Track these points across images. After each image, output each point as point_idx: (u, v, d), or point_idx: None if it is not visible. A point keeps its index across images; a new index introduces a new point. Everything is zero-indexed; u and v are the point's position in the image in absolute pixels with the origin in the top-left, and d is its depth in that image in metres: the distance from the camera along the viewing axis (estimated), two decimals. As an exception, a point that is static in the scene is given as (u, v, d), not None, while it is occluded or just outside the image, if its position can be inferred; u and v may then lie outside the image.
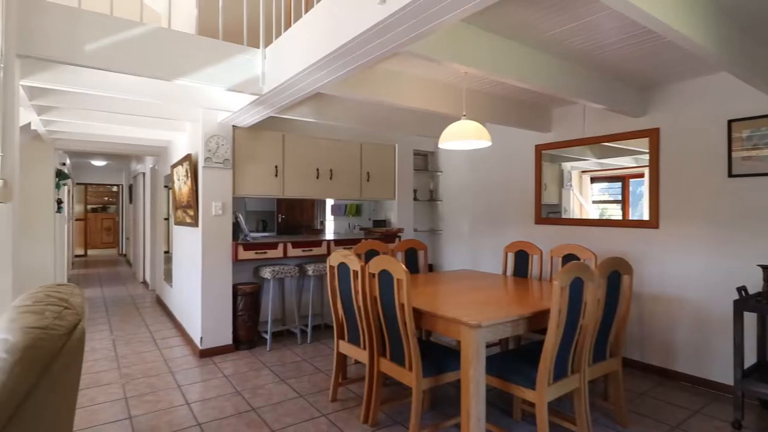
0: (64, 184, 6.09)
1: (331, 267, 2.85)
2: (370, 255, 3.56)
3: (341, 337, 2.90)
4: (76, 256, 11.18)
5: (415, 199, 5.26)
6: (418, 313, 2.35)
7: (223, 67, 2.77)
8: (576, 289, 2.11)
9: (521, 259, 3.60)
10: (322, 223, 7.12)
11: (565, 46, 2.70)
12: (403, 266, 2.24)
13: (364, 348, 2.63)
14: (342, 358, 2.93)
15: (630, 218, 3.65)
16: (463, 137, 2.70)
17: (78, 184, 10.92)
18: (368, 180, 4.77)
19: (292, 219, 6.99)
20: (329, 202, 6.88)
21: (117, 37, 2.42)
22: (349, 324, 2.79)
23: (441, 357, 2.47)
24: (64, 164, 6.40)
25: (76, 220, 11.40)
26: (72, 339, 1.60)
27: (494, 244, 4.74)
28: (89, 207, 12.57)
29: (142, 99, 3.31)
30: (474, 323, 2.03)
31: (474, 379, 2.07)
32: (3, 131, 2.06)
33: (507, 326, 2.21)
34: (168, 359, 3.66)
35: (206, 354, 3.70)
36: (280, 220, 7.06)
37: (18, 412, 1.44)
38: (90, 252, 12.08)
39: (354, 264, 2.61)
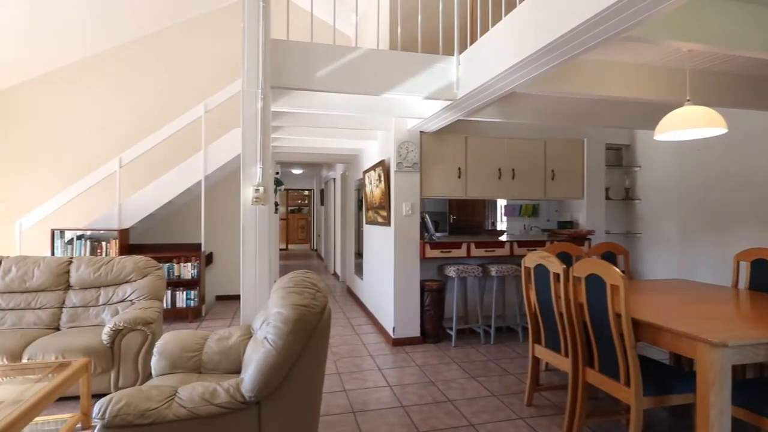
0: (279, 190, 7.34)
1: (527, 268, 2.79)
2: (561, 258, 3.37)
3: (537, 341, 2.81)
4: (280, 249, 13.37)
5: (607, 198, 4.77)
6: (634, 324, 2.13)
7: (422, 78, 2.97)
8: None
9: (761, 269, 2.94)
10: (494, 224, 7.01)
11: None
12: (619, 271, 2.06)
13: (566, 355, 2.50)
14: (536, 363, 2.84)
15: None
16: (691, 125, 2.34)
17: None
18: (553, 178, 4.51)
19: (464, 219, 7.07)
20: (500, 203, 6.74)
21: (339, 63, 2.81)
22: (547, 329, 2.69)
23: (661, 375, 2.19)
24: (277, 173, 7.73)
25: (281, 219, 13.63)
26: (324, 316, 1.93)
27: (716, 251, 3.98)
28: (288, 208, 14.87)
29: (347, 114, 3.78)
30: (717, 342, 1.74)
31: (716, 406, 1.78)
32: (263, 149, 2.58)
33: (760, 349, 1.84)
34: (366, 344, 4.09)
35: (398, 343, 4.02)
36: (451, 221, 7.22)
37: (292, 369, 1.80)
38: (290, 246, 14.30)
39: (555, 266, 2.50)
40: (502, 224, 6.90)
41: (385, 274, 4.35)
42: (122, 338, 2.88)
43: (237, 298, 6.00)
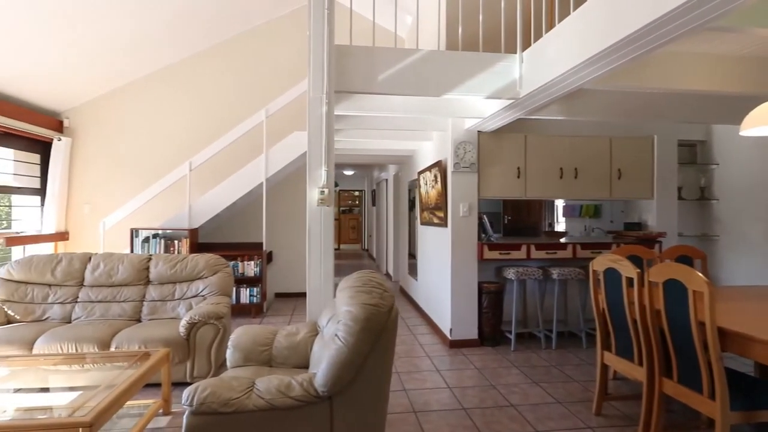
0: (335, 191, 7.53)
1: (595, 272, 2.68)
2: (631, 262, 3.20)
3: (606, 348, 2.70)
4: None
5: (679, 198, 4.48)
6: (720, 333, 1.99)
7: (483, 77, 2.94)
8: None
9: None
10: (551, 225, 6.77)
11: None
12: (704, 277, 1.93)
13: (640, 364, 2.38)
14: (605, 371, 2.72)
15: None
16: (785, 120, 2.15)
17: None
18: (619, 177, 4.30)
19: (519, 220, 6.87)
20: (558, 203, 6.50)
21: (400, 65, 2.84)
22: (618, 336, 2.57)
23: (748, 388, 2.03)
24: (332, 174, 7.92)
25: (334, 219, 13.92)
26: (391, 316, 1.96)
27: (808, 256, 3.62)
28: (340, 209, 15.16)
29: (403, 115, 3.81)
30: (822, 356, 1.60)
31: (819, 427, 1.63)
32: (327, 152, 2.66)
33: None
34: (422, 344, 4.10)
35: (455, 345, 3.99)
36: (506, 222, 7.05)
37: (362, 367, 1.84)
38: (341, 246, 14.58)
39: (628, 270, 2.39)
40: (559, 225, 6.65)
41: (441, 276, 4.34)
42: (197, 331, 3.08)
43: (294, 295, 6.22)
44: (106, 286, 3.58)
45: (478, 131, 4.07)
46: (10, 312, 3.37)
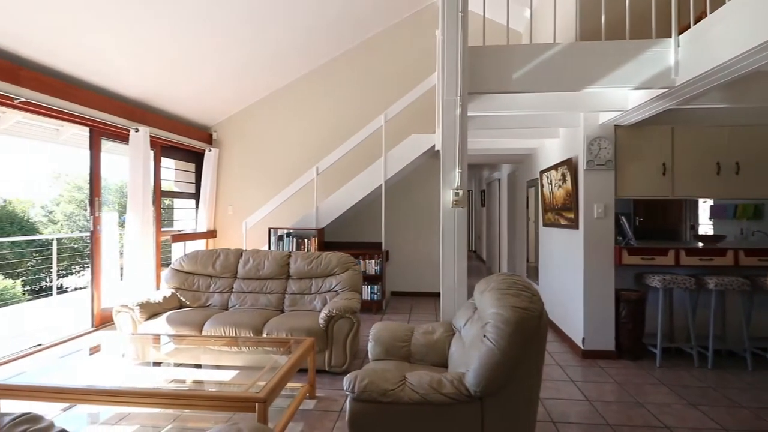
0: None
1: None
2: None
3: (793, 372, 2.30)
4: (439, 249, 13.68)
5: None
6: None
7: (629, 67, 2.71)
8: None
9: None
10: (693, 227, 5.96)
11: None
12: None
13: None
14: (790, 399, 2.33)
15: None
16: None
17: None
18: (797, 172, 3.63)
19: (652, 221, 6.17)
20: (702, 202, 5.69)
21: (535, 62, 2.75)
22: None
23: None
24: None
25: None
26: (542, 321, 1.91)
27: None
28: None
29: (530, 113, 3.66)
30: None
31: None
32: (461, 153, 2.67)
33: None
34: (550, 352, 3.91)
35: (588, 355, 3.73)
36: (637, 223, 6.38)
37: (514, 371, 1.82)
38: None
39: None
40: (703, 228, 5.83)
41: (570, 281, 4.09)
42: (334, 323, 3.32)
43: (410, 294, 6.36)
44: (254, 279, 4.03)
45: (615, 125, 3.76)
46: (181, 298, 3.97)
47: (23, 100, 3.63)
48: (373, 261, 5.46)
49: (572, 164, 3.95)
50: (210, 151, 6.43)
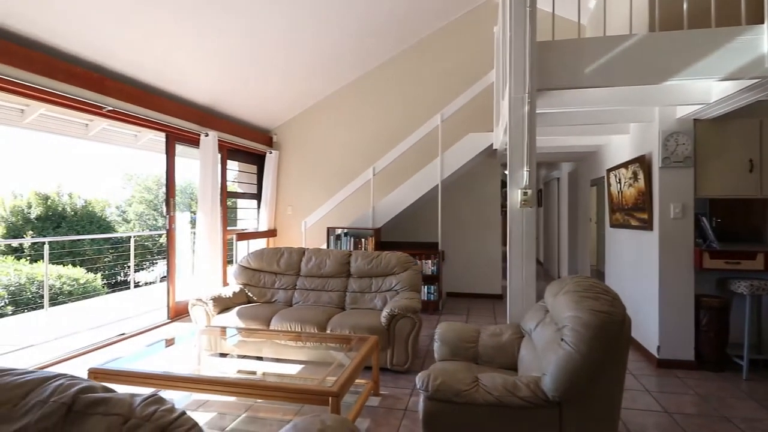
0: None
1: None
2: None
3: None
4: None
5: None
6: None
7: (716, 56, 2.53)
8: None
9: None
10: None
11: None
12: None
13: None
14: None
15: None
16: None
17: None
18: None
19: (732, 222, 5.69)
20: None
21: (610, 55, 2.62)
22: None
23: None
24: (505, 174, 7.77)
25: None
26: (624, 325, 1.82)
27: None
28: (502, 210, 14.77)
29: (599, 108, 3.51)
30: None
31: None
32: (530, 151, 2.61)
33: None
34: (620, 360, 3.71)
35: (664, 365, 3.51)
36: (714, 224, 5.91)
37: (595, 377, 1.76)
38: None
39: None
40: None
41: (643, 285, 3.87)
42: (396, 323, 3.34)
43: (465, 295, 6.28)
44: (316, 277, 4.15)
45: (695, 119, 3.51)
46: (249, 294, 4.16)
47: (110, 108, 3.96)
48: (430, 261, 5.45)
49: (645, 161, 3.74)
50: (271, 153, 6.69)
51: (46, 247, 6.41)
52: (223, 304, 3.80)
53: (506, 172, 2.86)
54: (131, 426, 0.81)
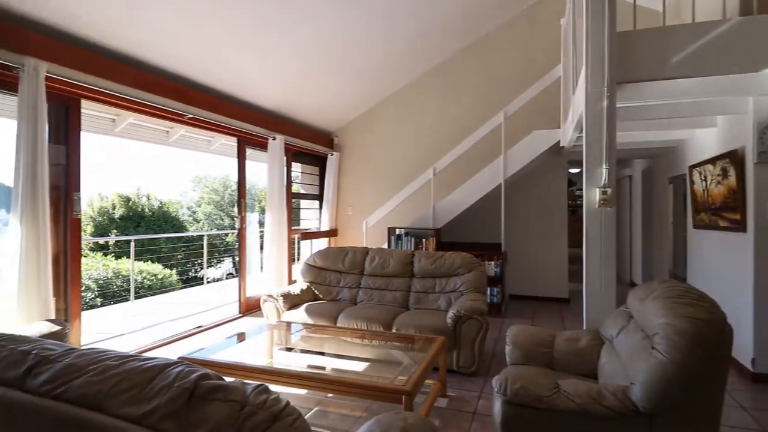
0: (578, 190, 7.03)
1: None
2: None
3: None
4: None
5: None
6: None
7: (829, 38, 2.26)
8: None
9: None
10: None
11: None
12: None
13: None
14: None
15: None
16: None
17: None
18: None
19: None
20: None
21: (700, 42, 2.43)
22: None
23: None
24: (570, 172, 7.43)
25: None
26: (725, 335, 1.68)
27: None
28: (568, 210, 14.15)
29: (681, 100, 3.26)
30: None
31: None
32: (609, 148, 2.47)
33: None
34: (707, 372, 3.42)
35: (761, 379, 3.19)
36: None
37: (692, 389, 1.63)
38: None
39: None
40: None
41: (734, 291, 3.54)
42: (462, 324, 3.30)
43: (528, 298, 6.08)
44: (380, 276, 4.20)
45: (800, 109, 3.16)
46: (315, 291, 4.29)
47: (191, 116, 4.25)
48: (492, 262, 5.33)
49: (737, 157, 3.42)
50: (332, 155, 6.86)
51: (132, 244, 7.01)
52: (292, 301, 3.95)
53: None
54: (247, 413, 0.87)
